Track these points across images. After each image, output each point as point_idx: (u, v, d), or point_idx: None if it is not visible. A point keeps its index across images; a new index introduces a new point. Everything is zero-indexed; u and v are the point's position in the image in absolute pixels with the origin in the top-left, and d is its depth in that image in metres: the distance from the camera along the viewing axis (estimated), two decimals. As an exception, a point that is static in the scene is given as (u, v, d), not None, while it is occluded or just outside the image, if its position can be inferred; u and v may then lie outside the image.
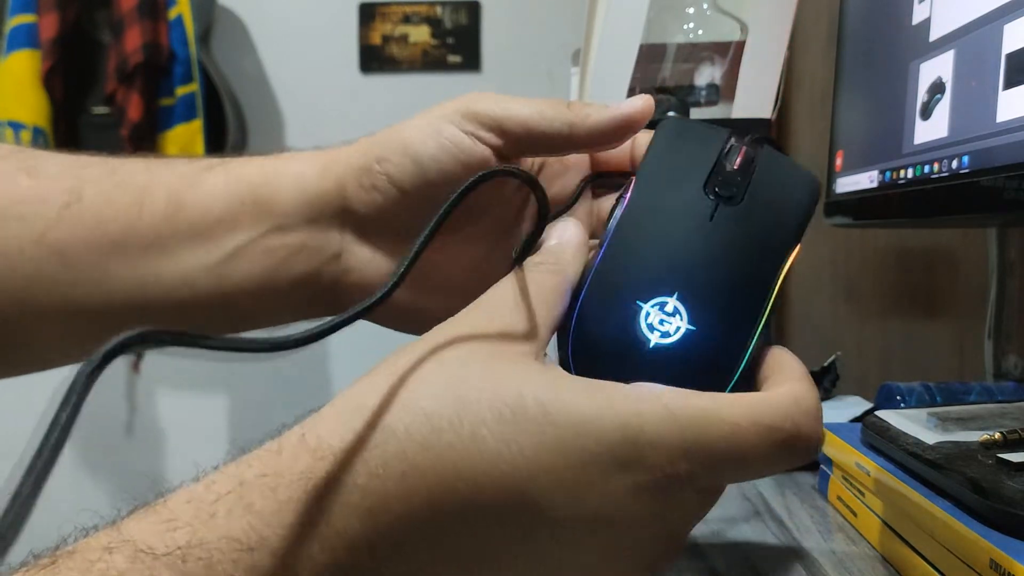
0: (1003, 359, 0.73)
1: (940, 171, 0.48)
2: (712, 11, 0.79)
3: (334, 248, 0.36)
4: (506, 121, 0.34)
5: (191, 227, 0.36)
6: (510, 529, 0.25)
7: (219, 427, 2.18)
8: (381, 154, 0.34)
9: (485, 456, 0.24)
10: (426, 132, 0.34)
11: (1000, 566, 0.31)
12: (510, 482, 0.24)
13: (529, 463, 0.24)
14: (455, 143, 0.33)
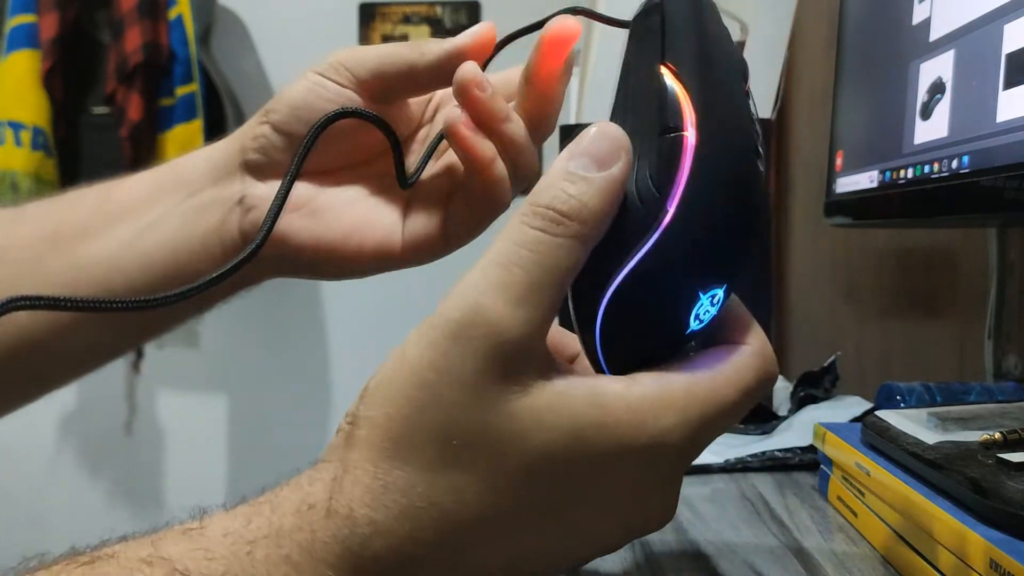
0: (1003, 359, 0.73)
1: (940, 171, 0.48)
2: (712, 11, 0.79)
3: (236, 195, 0.40)
4: (357, 67, 0.38)
5: (117, 211, 0.41)
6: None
7: (219, 427, 2.18)
8: (269, 107, 0.39)
9: (503, 517, 0.26)
10: (300, 83, 0.39)
11: (1000, 566, 0.31)
12: (532, 524, 0.26)
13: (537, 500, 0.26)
14: (321, 86, 0.38)
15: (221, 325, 2.16)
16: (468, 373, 0.25)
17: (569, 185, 0.27)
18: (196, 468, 2.16)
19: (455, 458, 0.25)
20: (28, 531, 2.03)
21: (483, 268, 0.27)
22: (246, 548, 0.25)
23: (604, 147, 0.27)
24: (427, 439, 0.25)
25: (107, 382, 2.17)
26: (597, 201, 0.26)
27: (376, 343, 2.17)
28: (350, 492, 0.26)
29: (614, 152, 0.27)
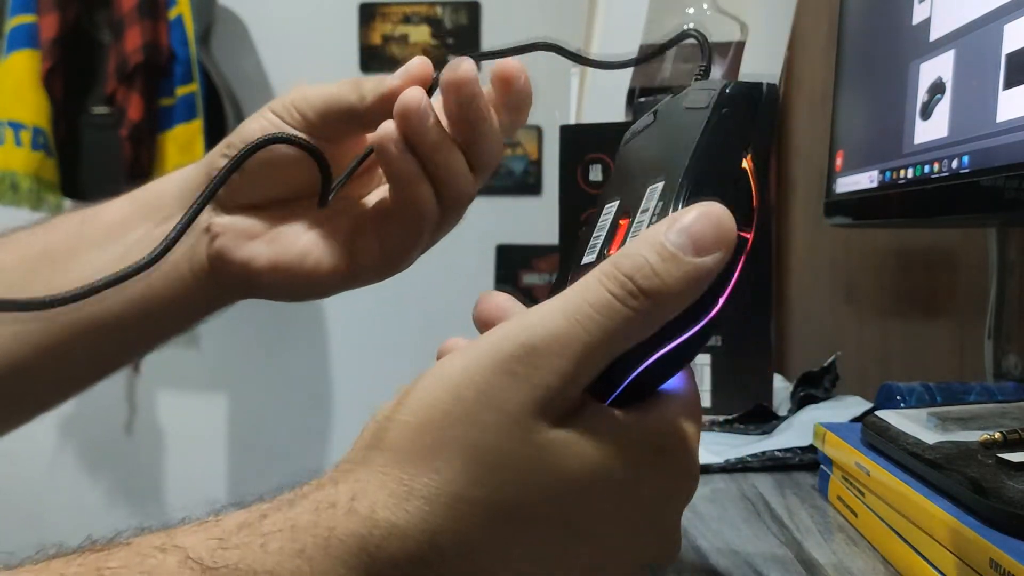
0: (1003, 359, 0.73)
1: (940, 171, 0.48)
2: (712, 11, 0.79)
3: (203, 222, 0.42)
4: (305, 108, 0.41)
5: (97, 233, 0.43)
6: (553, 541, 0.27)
7: (219, 427, 2.18)
8: (229, 140, 0.42)
9: (515, 515, 0.26)
10: (256, 120, 0.41)
11: (1000, 566, 0.31)
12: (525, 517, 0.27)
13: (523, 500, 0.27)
14: (272, 124, 0.41)
15: (221, 325, 2.16)
16: (509, 403, 0.26)
17: (658, 260, 0.26)
18: (196, 468, 2.16)
19: (481, 477, 0.26)
20: (28, 531, 2.03)
21: (550, 313, 0.27)
22: (260, 540, 0.25)
23: (708, 233, 0.26)
24: (458, 453, 0.26)
25: (107, 382, 2.16)
26: (680, 287, 0.26)
27: (375, 344, 2.17)
28: (374, 494, 0.26)
29: (716, 242, 0.26)
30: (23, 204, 1.86)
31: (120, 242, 0.43)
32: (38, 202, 1.88)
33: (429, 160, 0.39)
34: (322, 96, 0.40)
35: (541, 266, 2.08)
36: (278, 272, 0.42)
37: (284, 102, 0.41)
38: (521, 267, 2.09)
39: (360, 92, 0.40)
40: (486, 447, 0.26)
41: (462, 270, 2.08)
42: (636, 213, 0.30)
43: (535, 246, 2.06)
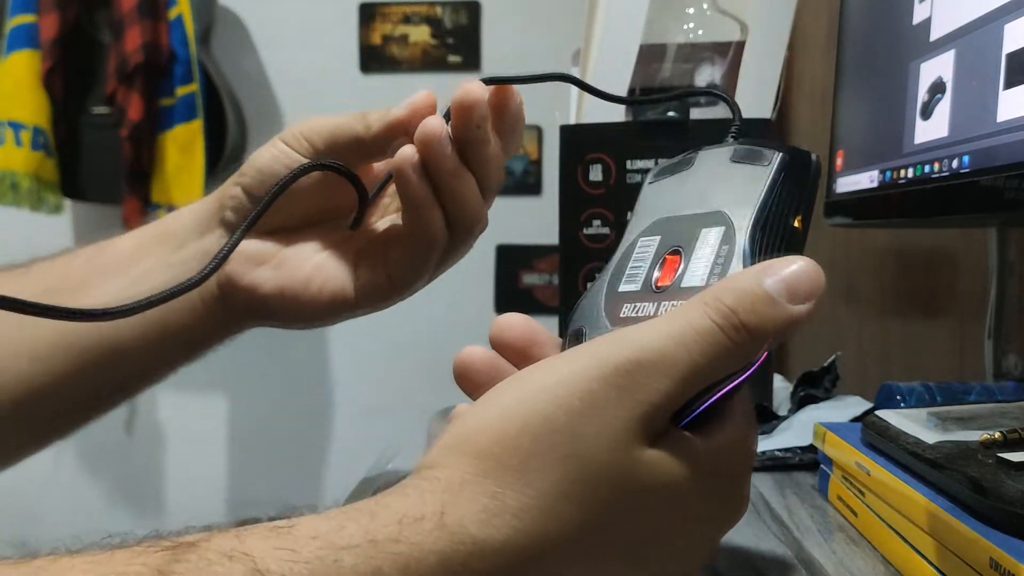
0: (1003, 359, 0.73)
1: (940, 171, 0.48)
2: (712, 11, 0.79)
3: (215, 249, 0.43)
4: (314, 137, 0.42)
5: (110, 265, 0.44)
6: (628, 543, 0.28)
7: (219, 427, 2.18)
8: (242, 170, 0.43)
9: (602, 533, 0.27)
10: (266, 149, 0.43)
11: (1000, 566, 0.31)
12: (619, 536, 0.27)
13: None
14: (284, 153, 0.42)
15: (221, 325, 2.16)
16: (614, 416, 0.26)
17: (760, 303, 0.28)
18: (196, 468, 2.16)
19: (576, 492, 0.26)
20: (28, 531, 2.03)
21: (656, 333, 0.28)
22: (334, 555, 0.24)
23: (804, 285, 0.28)
24: (555, 463, 0.26)
25: (107, 382, 2.16)
26: (773, 329, 0.28)
27: (375, 344, 2.17)
28: (465, 508, 0.25)
29: (809, 294, 0.28)
30: (23, 204, 1.86)
31: (133, 271, 0.44)
32: (38, 202, 1.88)
33: (445, 186, 0.40)
34: (329, 126, 0.42)
35: (541, 266, 2.08)
36: (284, 297, 0.43)
37: (293, 131, 0.42)
38: (521, 267, 2.09)
39: (366, 122, 0.41)
40: (586, 459, 0.26)
41: (462, 270, 2.07)
42: (691, 252, 0.32)
43: (535, 246, 2.06)
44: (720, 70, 0.76)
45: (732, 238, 0.31)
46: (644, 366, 0.27)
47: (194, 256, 0.44)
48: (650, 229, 0.35)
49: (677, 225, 0.34)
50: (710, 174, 0.35)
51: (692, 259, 0.32)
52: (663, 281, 0.32)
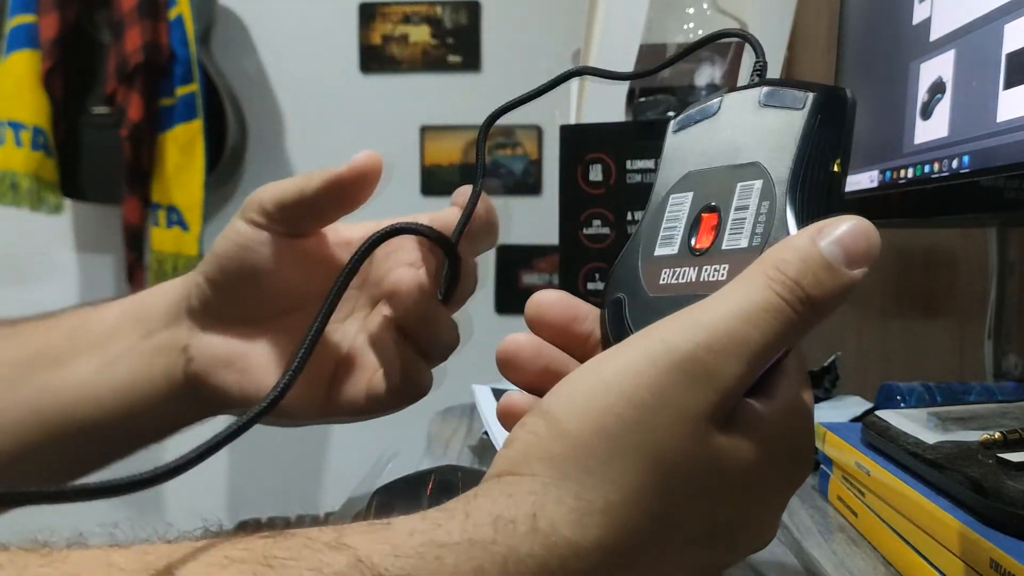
0: (1003, 359, 0.73)
1: (940, 171, 0.48)
2: (712, 11, 0.79)
3: (181, 341, 0.42)
4: (266, 201, 0.40)
5: (87, 341, 0.43)
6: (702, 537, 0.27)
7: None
8: (205, 257, 0.41)
9: (694, 531, 0.26)
10: (224, 232, 0.41)
11: (1000, 566, 0.31)
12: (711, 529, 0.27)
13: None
14: (239, 232, 0.40)
15: (221, 325, 2.16)
16: (689, 407, 0.25)
17: (822, 271, 0.27)
18: (196, 469, 2.15)
19: (659, 486, 0.25)
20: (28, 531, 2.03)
21: (721, 312, 0.26)
22: (435, 551, 0.24)
23: (860, 247, 0.27)
24: (636, 461, 0.25)
25: (107, 382, 2.16)
26: (835, 297, 0.27)
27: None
28: (554, 510, 0.25)
29: (866, 256, 0.27)
30: (23, 204, 1.86)
31: (107, 351, 0.43)
32: (38, 202, 1.88)
33: (425, 337, 0.40)
34: (277, 189, 0.40)
35: (541, 266, 2.08)
36: (251, 403, 0.40)
37: (248, 203, 0.40)
38: (521, 267, 2.09)
39: (309, 181, 0.40)
40: (666, 454, 0.25)
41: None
42: (728, 210, 0.30)
43: (535, 246, 2.06)
44: (720, 70, 0.76)
45: (772, 192, 0.29)
46: (715, 350, 0.26)
47: (161, 347, 0.42)
48: (681, 184, 0.33)
49: (709, 179, 0.32)
50: (739, 121, 0.32)
51: (731, 218, 0.30)
52: (701, 243, 0.31)
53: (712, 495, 0.26)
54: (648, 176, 0.68)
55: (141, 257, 1.96)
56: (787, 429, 0.28)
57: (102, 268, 2.17)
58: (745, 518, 0.28)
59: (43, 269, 2.18)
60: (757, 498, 0.28)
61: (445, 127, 2.10)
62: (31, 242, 2.17)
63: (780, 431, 0.28)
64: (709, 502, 0.26)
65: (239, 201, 2.01)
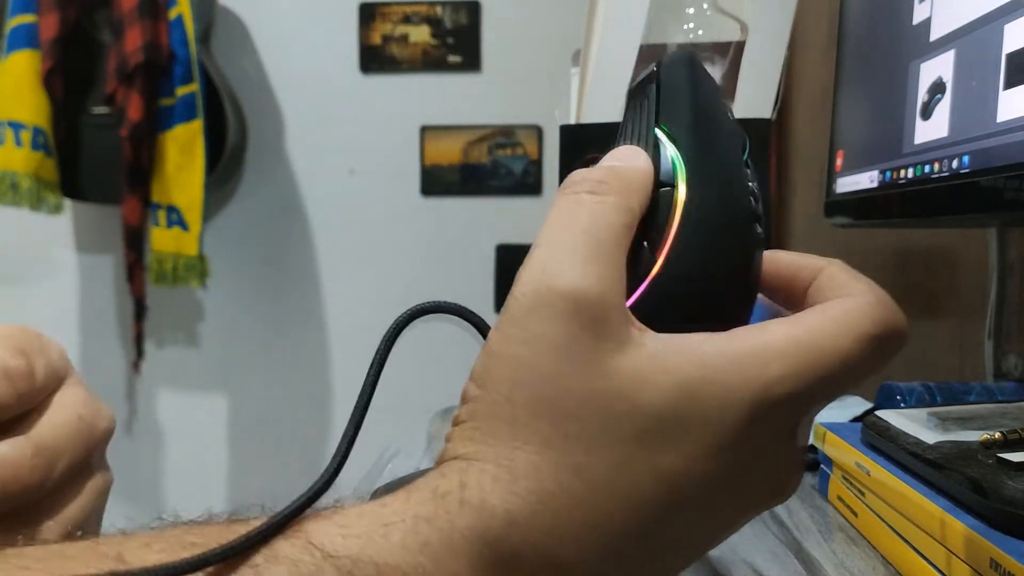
0: (1003, 359, 0.73)
1: (940, 171, 0.48)
2: (712, 11, 0.79)
3: None
4: None
5: None
6: (673, 527, 0.25)
7: (219, 427, 2.18)
8: None
9: (642, 491, 0.24)
10: None
11: (1000, 566, 0.31)
12: (666, 500, 0.24)
13: (680, 474, 0.24)
14: None
15: (221, 325, 2.16)
16: (557, 337, 0.24)
17: (595, 170, 0.27)
18: (196, 468, 2.16)
19: (567, 431, 0.24)
20: (28, 531, 2.03)
21: (544, 242, 0.27)
22: (382, 530, 0.24)
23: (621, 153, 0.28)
24: (535, 415, 0.24)
25: (107, 382, 2.17)
26: (628, 174, 0.27)
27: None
28: (478, 481, 0.24)
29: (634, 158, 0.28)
30: (23, 204, 1.86)
31: None
32: (38, 202, 1.88)
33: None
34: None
35: (541, 266, 2.08)
36: None
37: None
38: (521, 267, 2.09)
39: None
40: (557, 396, 0.24)
41: (462, 270, 2.08)
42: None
43: (535, 246, 2.06)
44: (720, 70, 0.76)
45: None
46: (551, 273, 0.26)
47: None
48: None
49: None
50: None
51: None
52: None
53: (627, 440, 0.24)
54: (648, 176, 0.68)
55: (141, 257, 1.96)
56: (764, 374, 0.24)
57: (102, 268, 2.17)
58: (712, 466, 0.24)
59: (43, 269, 2.18)
60: (717, 441, 0.24)
61: (445, 127, 2.10)
62: (31, 242, 2.17)
63: (748, 370, 0.24)
64: (626, 448, 0.24)
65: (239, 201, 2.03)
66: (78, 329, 2.17)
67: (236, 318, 2.16)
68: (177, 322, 2.16)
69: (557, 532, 0.24)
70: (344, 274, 2.14)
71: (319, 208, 2.13)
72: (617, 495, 0.24)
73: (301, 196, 2.13)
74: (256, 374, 2.17)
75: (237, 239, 2.13)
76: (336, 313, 2.15)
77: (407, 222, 2.10)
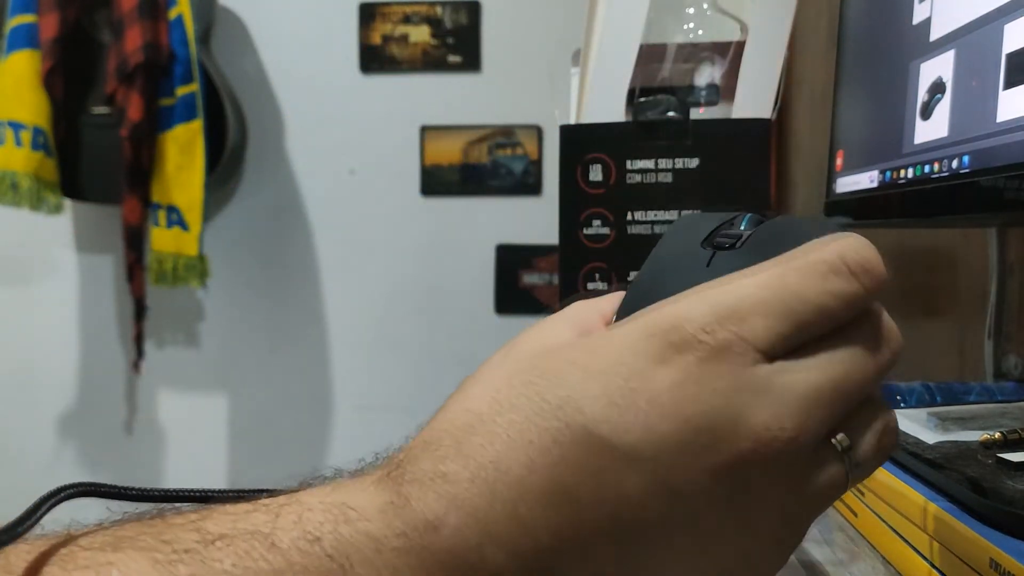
0: (1003, 359, 0.73)
1: (940, 171, 0.48)
2: (712, 11, 0.79)
3: None
4: None
5: None
6: (626, 548, 0.23)
7: (219, 427, 2.18)
8: None
9: (586, 505, 0.23)
10: None
11: (1000, 566, 0.31)
12: (617, 516, 0.23)
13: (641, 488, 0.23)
14: None
15: (221, 325, 2.16)
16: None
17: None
18: (196, 468, 2.16)
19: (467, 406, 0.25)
20: (28, 531, 2.03)
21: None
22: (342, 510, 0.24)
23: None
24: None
25: (107, 382, 2.17)
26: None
27: (375, 343, 2.17)
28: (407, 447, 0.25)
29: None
30: (23, 204, 1.87)
31: None
32: (38, 202, 1.88)
33: None
34: None
35: (541, 266, 2.08)
36: None
37: None
38: (521, 267, 2.09)
39: None
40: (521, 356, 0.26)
41: (462, 270, 2.08)
42: None
43: (535, 246, 2.06)
44: (720, 70, 0.76)
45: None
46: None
47: None
48: None
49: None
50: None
51: None
52: None
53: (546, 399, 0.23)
54: (648, 176, 0.68)
55: (141, 257, 1.96)
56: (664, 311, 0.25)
57: (102, 268, 2.17)
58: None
59: (43, 269, 2.18)
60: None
61: (445, 127, 2.10)
62: (31, 242, 2.17)
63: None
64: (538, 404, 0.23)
65: (239, 201, 2.03)
66: (78, 329, 2.17)
67: (236, 318, 2.16)
68: (177, 322, 2.16)
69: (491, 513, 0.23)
70: (344, 274, 2.14)
71: (319, 208, 2.13)
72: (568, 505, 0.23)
73: (301, 196, 2.13)
74: (256, 374, 2.17)
75: (237, 239, 2.13)
76: (336, 313, 2.15)
77: (407, 222, 2.10)
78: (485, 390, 0.25)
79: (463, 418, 0.25)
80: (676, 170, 0.66)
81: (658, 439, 0.23)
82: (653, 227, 0.67)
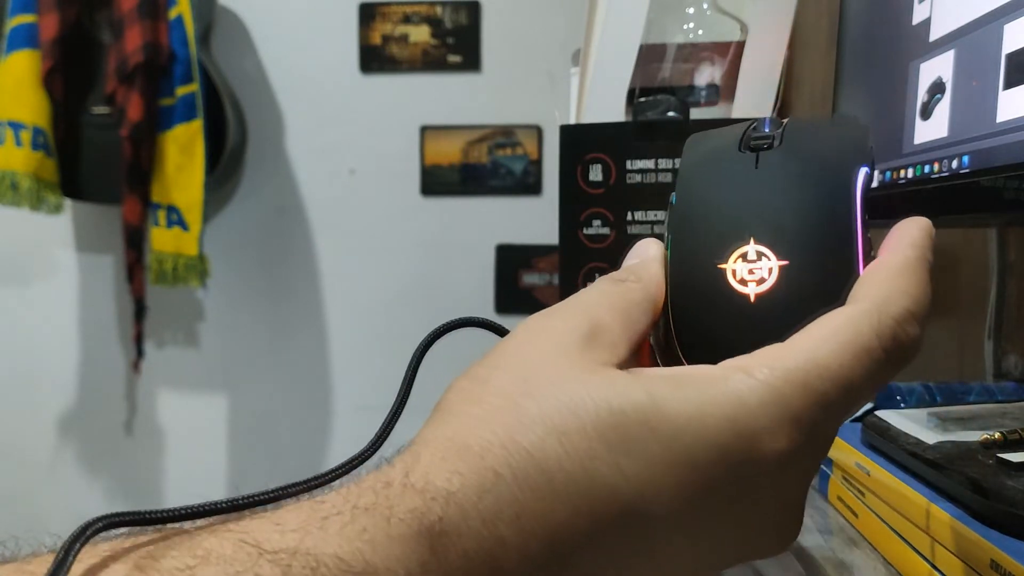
0: (1003, 359, 0.73)
1: (940, 171, 0.48)
2: (712, 11, 0.79)
3: None
4: None
5: None
6: (632, 542, 0.25)
7: (220, 427, 2.18)
8: None
9: (598, 489, 0.24)
10: None
11: (1000, 566, 0.31)
12: (629, 506, 0.24)
13: (644, 484, 0.24)
14: None
15: (221, 325, 2.16)
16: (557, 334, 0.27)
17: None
18: (196, 468, 2.16)
19: (524, 408, 0.25)
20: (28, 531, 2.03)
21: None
22: (319, 523, 0.23)
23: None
24: (498, 394, 0.26)
25: (107, 382, 2.16)
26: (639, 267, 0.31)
27: (376, 343, 2.17)
28: (427, 463, 0.24)
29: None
30: (23, 204, 1.87)
31: None
32: (38, 202, 1.88)
33: None
34: None
35: (541, 266, 2.08)
36: None
37: None
38: (521, 267, 2.09)
39: None
40: (528, 377, 0.25)
41: (462, 270, 2.08)
42: None
43: (535, 246, 2.06)
44: (720, 70, 0.76)
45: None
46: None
47: None
48: None
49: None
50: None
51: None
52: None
53: (587, 431, 0.24)
54: (648, 176, 0.68)
55: (141, 257, 1.96)
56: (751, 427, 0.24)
57: (102, 268, 2.17)
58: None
59: (43, 269, 2.18)
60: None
61: (445, 127, 2.10)
62: (31, 242, 2.17)
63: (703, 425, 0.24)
64: (586, 439, 0.24)
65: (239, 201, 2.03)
66: (78, 329, 2.17)
67: (236, 318, 2.16)
68: (177, 322, 2.16)
69: (502, 519, 0.23)
70: (344, 274, 2.14)
71: (319, 208, 2.13)
72: (574, 486, 0.24)
73: (301, 196, 2.13)
74: (256, 374, 2.17)
75: (237, 239, 2.13)
76: (336, 313, 2.15)
77: (407, 222, 2.10)
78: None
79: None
80: (676, 170, 0.66)
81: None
82: (653, 227, 0.67)
